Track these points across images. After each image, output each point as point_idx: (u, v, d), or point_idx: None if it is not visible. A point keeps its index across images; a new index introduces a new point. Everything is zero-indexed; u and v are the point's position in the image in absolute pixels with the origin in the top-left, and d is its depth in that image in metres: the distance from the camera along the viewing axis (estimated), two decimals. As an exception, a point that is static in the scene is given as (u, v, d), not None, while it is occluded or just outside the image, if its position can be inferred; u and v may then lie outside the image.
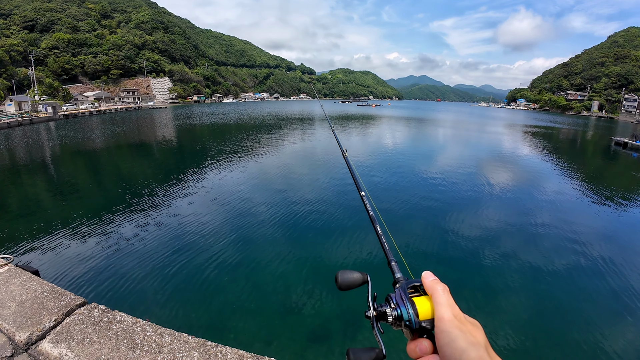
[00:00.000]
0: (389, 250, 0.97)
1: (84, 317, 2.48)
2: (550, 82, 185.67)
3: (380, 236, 1.02)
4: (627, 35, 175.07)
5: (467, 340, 0.65)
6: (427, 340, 0.71)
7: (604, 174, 25.85)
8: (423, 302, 0.75)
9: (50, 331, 2.33)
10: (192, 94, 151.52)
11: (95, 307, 2.62)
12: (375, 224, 1.07)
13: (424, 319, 0.73)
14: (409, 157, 27.23)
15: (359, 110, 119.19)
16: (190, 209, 13.87)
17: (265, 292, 8.30)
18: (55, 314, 2.47)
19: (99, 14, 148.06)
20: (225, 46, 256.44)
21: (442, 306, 0.71)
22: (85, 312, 2.54)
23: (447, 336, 0.66)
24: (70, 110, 73.28)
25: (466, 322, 0.70)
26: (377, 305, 0.79)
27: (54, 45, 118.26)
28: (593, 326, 7.48)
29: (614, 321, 7.72)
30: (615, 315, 7.93)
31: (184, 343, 2.28)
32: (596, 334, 7.24)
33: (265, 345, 6.64)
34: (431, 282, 0.76)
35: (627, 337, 7.19)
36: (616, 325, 7.56)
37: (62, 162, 24.80)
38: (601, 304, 8.38)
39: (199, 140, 37.29)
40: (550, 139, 48.23)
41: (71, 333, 2.31)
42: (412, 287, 0.81)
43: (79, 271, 8.93)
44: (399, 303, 0.77)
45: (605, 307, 8.24)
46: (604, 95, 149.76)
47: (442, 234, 12.06)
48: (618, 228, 13.74)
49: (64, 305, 2.57)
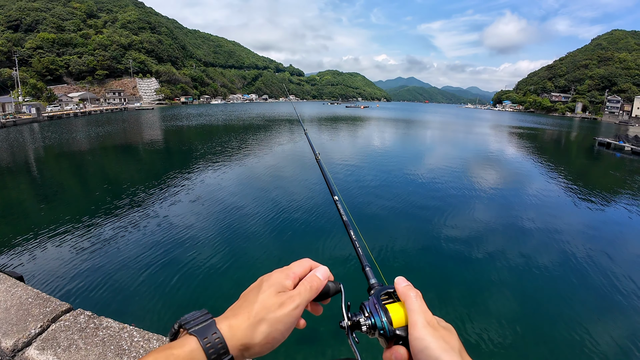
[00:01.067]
0: (363, 256, 0.96)
1: (70, 323, 2.46)
2: (535, 84, 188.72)
3: (354, 241, 1.00)
4: (611, 38, 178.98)
5: (440, 347, 0.65)
6: (403, 348, 0.71)
7: (587, 174, 26.38)
8: (397, 309, 0.74)
9: (36, 338, 2.31)
10: (179, 95, 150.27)
11: (81, 312, 2.60)
12: (349, 229, 1.05)
13: (397, 326, 0.72)
14: (392, 158, 27.39)
15: (347, 111, 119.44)
16: (176, 212, 13.76)
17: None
18: (41, 320, 2.44)
19: (85, 14, 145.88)
20: (213, 47, 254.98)
21: (415, 313, 0.70)
22: (71, 318, 2.52)
23: (420, 343, 0.66)
24: (55, 112, 71.96)
25: (440, 327, 0.70)
26: (351, 315, 0.78)
27: (38, 45, 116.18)
28: (577, 321, 7.63)
29: (597, 316, 7.88)
30: (599, 310, 8.11)
31: (172, 348, 2.26)
32: (580, 328, 7.39)
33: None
34: (404, 288, 0.76)
35: (610, 331, 7.35)
36: (599, 320, 7.73)
37: (46, 165, 24.38)
38: (585, 299, 8.55)
39: (185, 142, 37.00)
40: (535, 139, 49.01)
41: (57, 340, 2.29)
42: (386, 293, 0.79)
43: (64, 276, 8.80)
44: (372, 311, 0.75)
45: (588, 303, 8.41)
46: (588, 96, 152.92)
47: (421, 237, 12.18)
48: (601, 226, 14.04)
49: (50, 311, 2.55)
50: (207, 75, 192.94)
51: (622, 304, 8.46)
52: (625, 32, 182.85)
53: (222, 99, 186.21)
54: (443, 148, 35.68)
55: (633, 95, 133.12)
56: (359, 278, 0.96)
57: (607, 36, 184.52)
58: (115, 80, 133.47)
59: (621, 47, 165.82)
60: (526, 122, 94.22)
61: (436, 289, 8.88)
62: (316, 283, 0.78)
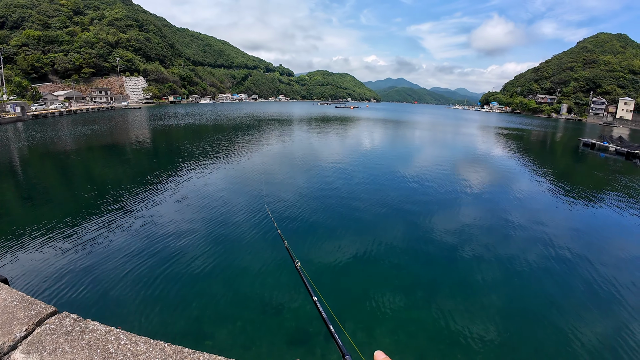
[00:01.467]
0: (343, 346, 0.96)
1: (55, 326, 2.44)
2: (521, 85, 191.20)
3: (333, 334, 1.00)
4: (596, 41, 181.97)
5: None
6: None
7: (572, 174, 26.84)
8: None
9: (22, 341, 2.28)
10: (167, 94, 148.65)
11: (66, 316, 2.57)
12: (328, 323, 1.06)
13: None
14: (379, 159, 27.55)
15: (337, 112, 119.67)
16: (162, 212, 13.64)
17: (243, 297, 8.26)
18: (26, 323, 2.42)
19: (71, 11, 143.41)
20: (202, 46, 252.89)
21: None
22: (57, 321, 2.50)
23: None
24: (40, 110, 70.67)
25: None
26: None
27: (24, 43, 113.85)
28: (560, 315, 7.77)
29: (578, 310, 8.04)
30: (580, 304, 8.27)
31: (159, 351, 2.26)
32: (563, 323, 7.52)
33: (243, 350, 6.62)
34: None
35: (592, 325, 7.50)
36: (581, 314, 7.88)
37: (31, 165, 23.94)
38: (567, 294, 8.71)
39: (174, 141, 36.66)
40: (521, 140, 49.70)
41: (43, 343, 2.27)
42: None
43: (49, 279, 8.67)
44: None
45: (571, 298, 8.57)
46: (573, 98, 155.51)
47: (407, 236, 12.29)
48: (584, 225, 14.32)
49: (35, 314, 2.52)
50: (196, 75, 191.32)
51: (602, 298, 8.66)
52: (610, 35, 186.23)
53: (211, 98, 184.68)
54: (431, 149, 36.00)
55: (617, 97, 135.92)
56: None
57: (592, 39, 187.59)
58: (101, 78, 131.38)
59: (606, 50, 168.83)
60: (513, 123, 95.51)
61: (423, 288, 8.97)
62: None
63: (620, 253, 11.80)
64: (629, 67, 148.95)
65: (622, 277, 9.93)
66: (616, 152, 37.48)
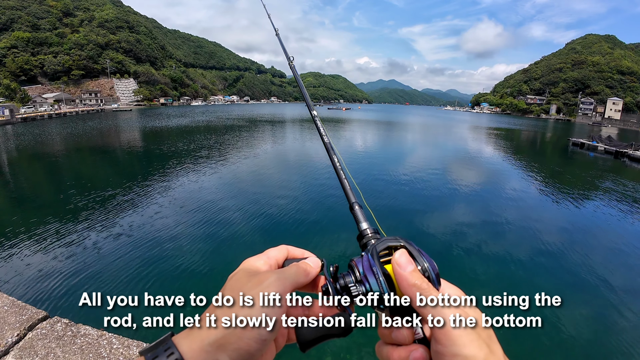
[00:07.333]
0: (351, 191, 0.73)
1: (47, 331, 2.44)
2: (511, 87, 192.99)
3: (338, 170, 0.79)
4: (585, 42, 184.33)
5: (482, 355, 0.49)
6: (423, 348, 0.56)
7: (562, 173, 27.15)
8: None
9: (14, 347, 2.28)
10: (158, 96, 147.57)
11: (58, 320, 2.58)
12: (332, 154, 0.85)
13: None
14: (372, 159, 27.63)
15: (329, 113, 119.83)
16: (156, 215, 13.55)
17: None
18: (17, 328, 2.42)
19: (61, 12, 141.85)
20: (193, 47, 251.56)
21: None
22: (48, 326, 2.50)
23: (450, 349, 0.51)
24: (29, 113, 69.80)
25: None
26: (338, 276, 0.60)
27: (12, 45, 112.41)
28: (555, 311, 7.88)
29: (569, 301, 8.17)
30: (568, 297, 8.40)
31: (152, 354, 2.27)
32: (553, 316, 7.64)
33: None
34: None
35: (582, 315, 7.63)
36: (571, 306, 8.00)
37: (20, 168, 23.66)
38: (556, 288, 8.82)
39: (165, 144, 36.42)
40: (512, 140, 50.21)
41: (34, 348, 2.27)
42: (387, 248, 0.60)
43: (40, 283, 8.58)
44: (366, 273, 0.58)
45: (559, 291, 8.68)
46: (562, 99, 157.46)
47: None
48: (575, 221, 14.55)
49: (26, 319, 2.52)
50: (188, 76, 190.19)
51: (589, 289, 8.90)
52: (598, 37, 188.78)
53: (202, 100, 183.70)
54: (422, 149, 36.18)
55: (606, 97, 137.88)
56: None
57: (581, 40, 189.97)
58: (91, 80, 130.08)
59: (595, 51, 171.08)
60: (503, 123, 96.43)
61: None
62: (305, 266, 0.61)
63: (609, 245, 12.16)
64: (617, 67, 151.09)
65: (608, 269, 10.18)
66: (605, 151, 38.00)
